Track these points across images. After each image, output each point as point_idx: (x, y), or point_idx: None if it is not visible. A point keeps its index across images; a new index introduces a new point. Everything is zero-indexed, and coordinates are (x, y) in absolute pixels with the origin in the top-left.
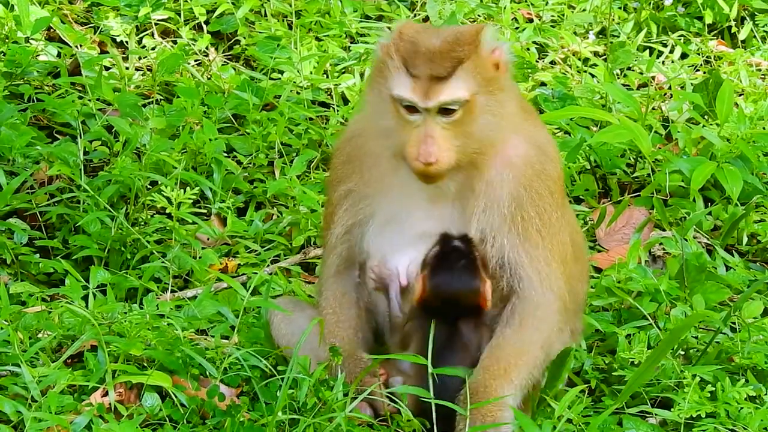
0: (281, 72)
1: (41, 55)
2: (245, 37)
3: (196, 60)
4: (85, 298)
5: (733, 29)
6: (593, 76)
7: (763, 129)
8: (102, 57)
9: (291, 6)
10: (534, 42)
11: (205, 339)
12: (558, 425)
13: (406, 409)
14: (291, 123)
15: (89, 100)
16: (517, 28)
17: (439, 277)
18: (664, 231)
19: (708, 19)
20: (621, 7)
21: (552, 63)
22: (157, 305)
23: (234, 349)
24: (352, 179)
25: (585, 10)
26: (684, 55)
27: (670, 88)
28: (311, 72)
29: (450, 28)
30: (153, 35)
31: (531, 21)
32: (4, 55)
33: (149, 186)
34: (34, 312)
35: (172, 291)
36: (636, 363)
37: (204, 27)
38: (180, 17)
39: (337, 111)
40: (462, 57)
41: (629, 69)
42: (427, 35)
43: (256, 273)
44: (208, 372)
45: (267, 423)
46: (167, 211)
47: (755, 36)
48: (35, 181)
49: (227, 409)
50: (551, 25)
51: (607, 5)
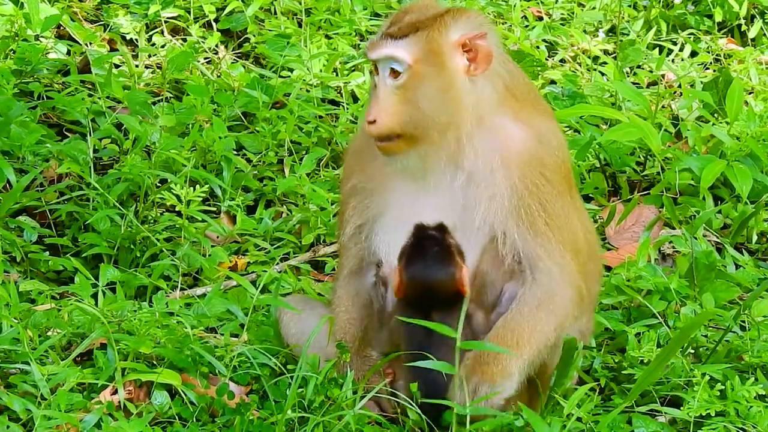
0: (291, 70)
1: (51, 53)
2: (255, 35)
3: (205, 58)
4: (95, 296)
5: (743, 27)
6: (603, 74)
7: None
8: (112, 55)
9: (301, 4)
10: (544, 40)
11: (215, 337)
12: (567, 423)
13: (414, 408)
14: (301, 121)
15: (99, 97)
16: (527, 26)
17: (415, 267)
18: (673, 229)
19: (718, 17)
20: (631, 5)
21: (562, 61)
22: (167, 303)
23: (243, 348)
24: (355, 174)
25: (595, 8)
26: (694, 54)
27: (679, 86)
28: (321, 70)
29: (438, 4)
30: (163, 33)
31: (541, 19)
32: (14, 53)
33: (159, 184)
34: (43, 310)
35: (181, 289)
36: (645, 361)
37: (214, 25)
38: (190, 15)
39: (347, 109)
40: (418, 26)
41: (639, 67)
42: (417, 7)
43: (265, 271)
44: (217, 370)
45: (276, 421)
46: (177, 209)
47: (765, 34)
48: (45, 179)
49: (236, 408)
50: (561, 23)
51: (617, 3)
